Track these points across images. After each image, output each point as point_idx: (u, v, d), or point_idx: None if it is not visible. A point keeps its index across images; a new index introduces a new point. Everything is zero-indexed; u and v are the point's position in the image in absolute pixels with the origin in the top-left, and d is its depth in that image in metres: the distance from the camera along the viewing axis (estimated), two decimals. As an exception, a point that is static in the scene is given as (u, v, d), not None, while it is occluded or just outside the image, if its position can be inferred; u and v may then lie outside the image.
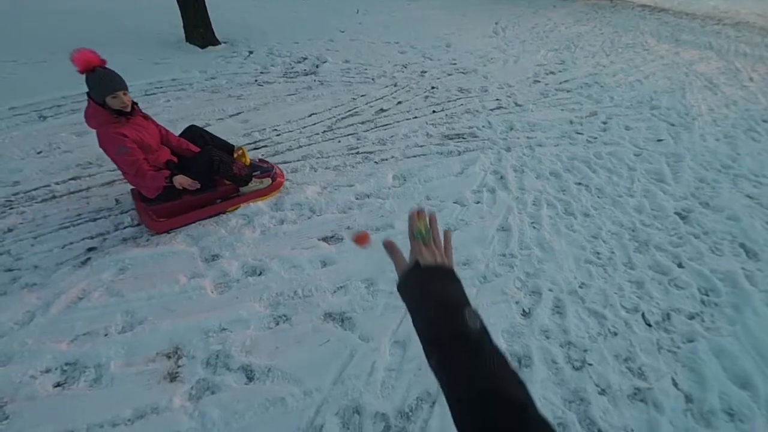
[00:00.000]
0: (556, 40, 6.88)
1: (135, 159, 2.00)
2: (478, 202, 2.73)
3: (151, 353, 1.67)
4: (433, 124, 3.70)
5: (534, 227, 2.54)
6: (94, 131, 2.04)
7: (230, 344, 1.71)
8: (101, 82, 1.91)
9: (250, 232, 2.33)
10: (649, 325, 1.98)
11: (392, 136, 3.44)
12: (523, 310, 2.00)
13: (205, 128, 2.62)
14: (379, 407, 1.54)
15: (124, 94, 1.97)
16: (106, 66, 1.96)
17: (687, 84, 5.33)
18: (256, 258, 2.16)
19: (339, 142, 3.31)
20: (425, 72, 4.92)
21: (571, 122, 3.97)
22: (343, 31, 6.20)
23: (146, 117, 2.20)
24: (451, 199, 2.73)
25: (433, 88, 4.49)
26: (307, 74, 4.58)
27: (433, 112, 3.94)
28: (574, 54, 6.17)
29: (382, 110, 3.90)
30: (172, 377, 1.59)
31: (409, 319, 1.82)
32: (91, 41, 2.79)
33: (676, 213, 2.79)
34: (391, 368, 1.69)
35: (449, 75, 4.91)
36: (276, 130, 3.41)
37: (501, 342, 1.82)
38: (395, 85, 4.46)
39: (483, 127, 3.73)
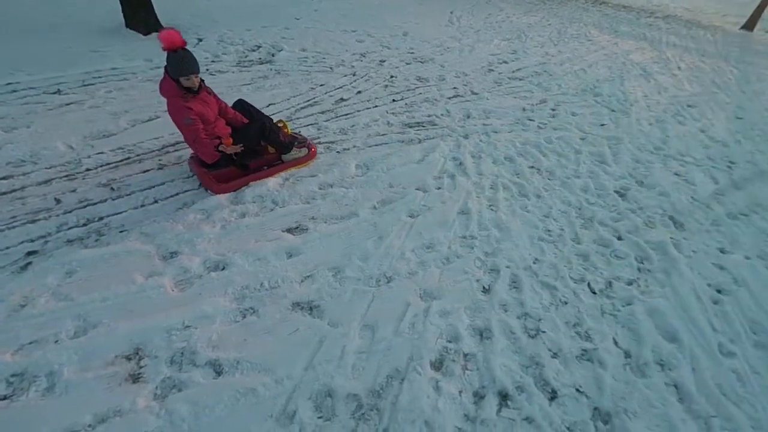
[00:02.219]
0: (508, 30, 7.13)
1: (196, 128, 2.28)
2: (439, 188, 2.82)
3: (110, 356, 1.60)
4: (393, 113, 3.74)
5: (492, 209, 2.68)
6: (22, 129, 1.95)
7: (195, 340, 1.68)
8: (181, 63, 2.18)
9: (210, 227, 2.26)
10: (594, 293, 2.18)
11: (353, 126, 3.44)
12: (484, 287, 2.12)
13: (156, 119, 2.51)
14: (351, 388, 1.59)
15: (196, 76, 2.26)
16: (186, 48, 2.20)
17: (625, 72, 5.76)
18: (218, 253, 2.11)
19: (299, 132, 3.26)
20: (384, 61, 4.93)
21: (524, 109, 4.17)
22: (298, 19, 6.03)
23: (209, 92, 2.45)
24: (413, 186, 2.80)
25: (392, 77, 4.52)
26: (262, 63, 4.43)
27: (393, 101, 3.98)
28: (525, 44, 6.43)
29: (342, 99, 3.88)
30: (135, 378, 1.54)
31: (378, 302, 1.91)
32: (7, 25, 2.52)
33: (616, 191, 3.06)
34: (361, 351, 1.74)
35: (408, 64, 4.96)
36: (232, 121, 3.28)
37: (464, 318, 1.93)
38: (354, 74, 4.43)
39: (442, 115, 3.83)
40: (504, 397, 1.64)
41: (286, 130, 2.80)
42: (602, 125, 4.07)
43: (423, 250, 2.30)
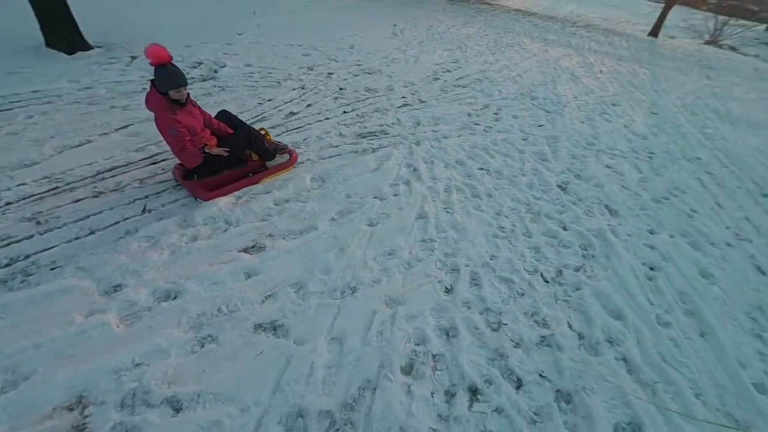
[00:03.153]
0: (449, 40, 7.50)
1: (182, 138, 2.36)
2: (396, 195, 2.87)
3: (47, 409, 1.43)
4: (345, 124, 3.77)
5: (447, 212, 2.77)
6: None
7: (148, 378, 1.55)
8: (170, 77, 2.26)
9: (157, 254, 2.12)
10: (547, 282, 2.32)
11: (305, 139, 3.42)
12: (446, 288, 2.18)
13: (88, 144, 2.35)
14: (323, 405, 1.55)
15: (184, 89, 2.34)
16: (172, 63, 2.29)
17: (556, 77, 6.28)
18: (168, 281, 1.98)
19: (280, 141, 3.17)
20: (332, 73, 4.96)
21: (469, 115, 4.39)
22: (240, 34, 5.91)
23: (194, 104, 2.54)
24: (370, 195, 2.82)
25: (341, 89, 4.55)
26: (205, 80, 4.27)
27: (344, 112, 4.01)
28: (466, 53, 6.80)
29: (291, 113, 3.84)
30: (79, 430, 1.39)
31: (344, 314, 1.89)
32: None
33: (558, 186, 3.30)
34: (330, 365, 1.71)
35: (356, 76, 5.03)
36: (175, 141, 3.12)
37: (430, 320, 1.96)
38: (303, 88, 4.42)
39: (393, 124, 3.92)
40: (474, 392, 1.69)
41: (268, 137, 2.91)
42: (540, 126, 4.39)
43: (385, 257, 2.32)
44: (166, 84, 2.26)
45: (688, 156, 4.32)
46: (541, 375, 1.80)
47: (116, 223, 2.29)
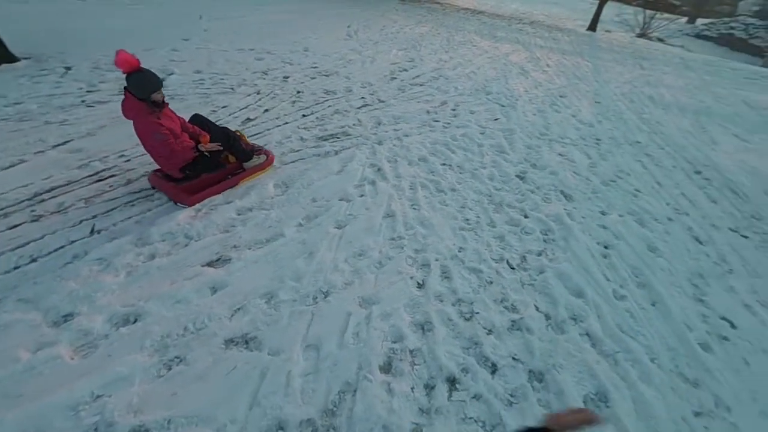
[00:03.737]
0: (403, 40, 7.60)
1: (168, 142, 2.32)
2: (362, 196, 2.87)
3: (-6, 458, 1.30)
4: (305, 128, 3.71)
5: (414, 208, 2.81)
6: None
7: (111, 410, 1.45)
8: (149, 81, 2.23)
9: (112, 276, 1.98)
10: (513, 269, 2.42)
11: (265, 145, 3.32)
12: (418, 283, 2.21)
13: (21, 164, 2.15)
14: (303, 414, 1.52)
15: (161, 90, 2.31)
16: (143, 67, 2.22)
17: (507, 72, 6.55)
18: (126, 304, 1.85)
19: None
20: (288, 77, 4.87)
21: (428, 112, 4.48)
22: (187, 40, 5.64)
23: (170, 109, 2.50)
24: (336, 197, 2.80)
25: (298, 92, 4.48)
26: (151, 89, 4.03)
27: (303, 116, 3.95)
28: (420, 52, 6.92)
29: (249, 119, 3.73)
30: (35, 476, 1.27)
31: (318, 319, 1.85)
32: None
33: (517, 176, 3.45)
34: (308, 373, 1.68)
35: (313, 78, 4.97)
36: (123, 155, 2.93)
37: (405, 316, 1.99)
38: (258, 93, 4.30)
39: (354, 125, 3.91)
40: (452, 382, 1.73)
41: (244, 139, 2.87)
42: (496, 119, 4.56)
43: (355, 258, 2.31)
44: (147, 88, 2.22)
45: (630, 140, 4.67)
46: (514, 358, 1.87)
47: (61, 247, 2.11)
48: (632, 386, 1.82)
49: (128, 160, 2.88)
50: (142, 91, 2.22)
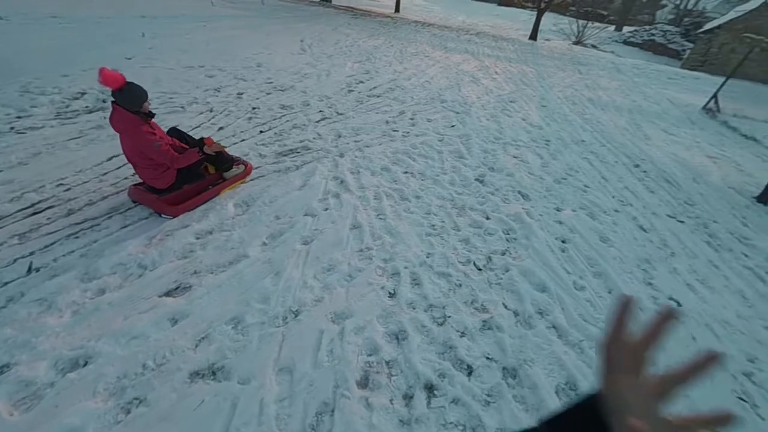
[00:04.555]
0: (357, 53, 7.70)
1: (167, 149, 2.36)
2: (326, 209, 2.84)
3: None
4: (263, 144, 3.63)
5: (380, 218, 2.82)
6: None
7: (62, 467, 1.30)
8: (139, 93, 2.25)
9: (56, 318, 1.80)
10: (480, 270, 2.49)
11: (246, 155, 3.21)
12: (389, 292, 2.21)
13: None
14: (280, 442, 1.45)
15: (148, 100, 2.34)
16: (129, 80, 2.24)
17: (459, 80, 6.83)
18: (73, 347, 1.69)
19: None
20: (242, 93, 4.76)
21: (387, 122, 4.55)
22: (130, 58, 5.36)
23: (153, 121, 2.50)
24: (301, 213, 2.75)
25: (254, 108, 4.38)
26: (91, 111, 3.78)
27: (261, 132, 3.87)
28: (375, 64, 7.05)
29: (202, 138, 3.58)
30: None
31: (289, 340, 1.78)
32: None
33: (476, 179, 3.57)
34: (282, 398, 1.61)
35: (268, 94, 4.89)
36: (62, 184, 2.70)
37: (378, 327, 1.97)
38: (211, 111, 4.16)
39: (314, 138, 3.88)
40: (430, 388, 1.73)
41: (222, 146, 2.81)
42: (453, 126, 4.72)
43: (324, 273, 2.27)
44: (138, 99, 2.26)
45: (576, 140, 5.01)
46: (487, 357, 1.91)
47: (-8, 290, 1.89)
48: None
49: (68, 189, 2.66)
50: (133, 103, 2.23)
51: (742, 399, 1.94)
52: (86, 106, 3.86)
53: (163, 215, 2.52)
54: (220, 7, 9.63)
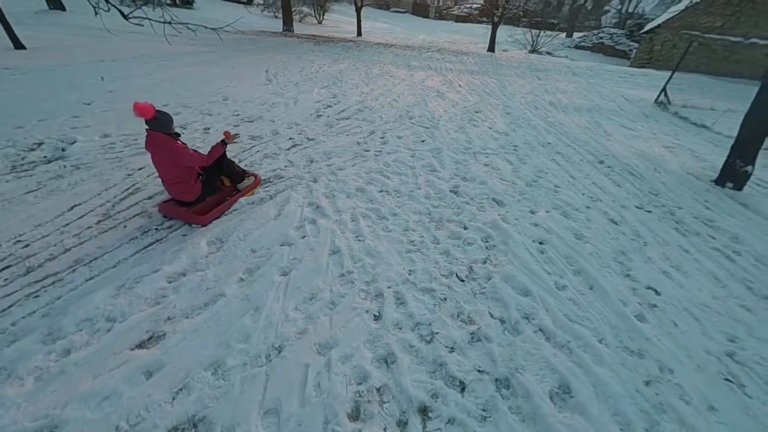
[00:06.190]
0: (323, 78, 7.82)
1: (196, 154, 2.78)
2: (304, 237, 2.79)
3: None
4: (234, 177, 3.57)
5: (359, 240, 2.80)
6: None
7: None
8: (168, 119, 2.66)
9: (16, 387, 1.67)
10: (462, 281, 2.48)
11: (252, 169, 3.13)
12: (374, 315, 2.16)
13: None
14: (271, 493, 1.36)
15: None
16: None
17: (425, 96, 7.01)
18: (37, 417, 1.56)
19: (125, 227, 2.77)
20: (209, 128, 4.71)
21: (358, 143, 4.58)
22: (89, 104, 5.24)
23: None
24: (277, 243, 2.70)
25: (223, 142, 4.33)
26: (50, 161, 3.64)
27: (231, 165, 3.81)
28: (342, 88, 7.16)
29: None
30: None
31: (274, 379, 1.71)
32: None
33: (450, 191, 3.62)
34: (271, 443, 1.52)
35: (236, 126, 4.86)
36: (20, 240, 2.56)
37: (366, 353, 1.92)
38: (178, 149, 4.07)
39: (285, 166, 3.86)
40: (424, 411, 1.68)
41: (235, 164, 3.20)
42: (423, 141, 4.81)
43: (306, 303, 2.21)
44: (169, 123, 2.67)
45: (542, 142, 5.19)
46: (479, 370, 1.89)
47: (-58, 366, 1.74)
48: (588, 371, 1.92)
49: (27, 246, 2.52)
50: (166, 127, 2.65)
51: (728, 380, 1.98)
52: (44, 157, 3.72)
53: (193, 225, 2.84)
54: (180, 44, 9.64)
